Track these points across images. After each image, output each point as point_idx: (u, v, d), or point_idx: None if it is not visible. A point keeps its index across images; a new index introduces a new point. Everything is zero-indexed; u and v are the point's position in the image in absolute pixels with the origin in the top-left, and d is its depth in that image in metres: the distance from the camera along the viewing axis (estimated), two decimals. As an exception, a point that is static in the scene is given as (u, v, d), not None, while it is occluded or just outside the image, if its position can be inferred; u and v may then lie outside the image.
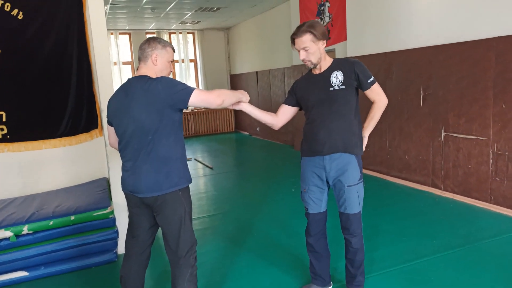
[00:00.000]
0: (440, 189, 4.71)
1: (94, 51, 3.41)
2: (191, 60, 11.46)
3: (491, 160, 4.09)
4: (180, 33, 11.13)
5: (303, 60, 2.37)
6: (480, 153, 4.19)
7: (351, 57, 5.90)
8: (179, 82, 2.15)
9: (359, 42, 5.80)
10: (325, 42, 2.35)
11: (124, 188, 2.26)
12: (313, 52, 2.32)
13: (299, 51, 2.35)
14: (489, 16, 3.97)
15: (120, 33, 10.53)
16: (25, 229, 2.99)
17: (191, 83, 11.44)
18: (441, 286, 2.72)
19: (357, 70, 2.35)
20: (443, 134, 4.59)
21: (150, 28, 10.47)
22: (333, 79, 2.36)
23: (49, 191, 3.77)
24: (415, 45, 4.85)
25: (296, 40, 2.33)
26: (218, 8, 8.49)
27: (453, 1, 4.34)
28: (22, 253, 3.03)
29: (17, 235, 2.98)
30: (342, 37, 6.28)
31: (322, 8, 6.76)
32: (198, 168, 7.01)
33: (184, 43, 11.21)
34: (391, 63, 5.23)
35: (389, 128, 5.39)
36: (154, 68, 2.22)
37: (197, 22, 10.13)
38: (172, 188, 2.16)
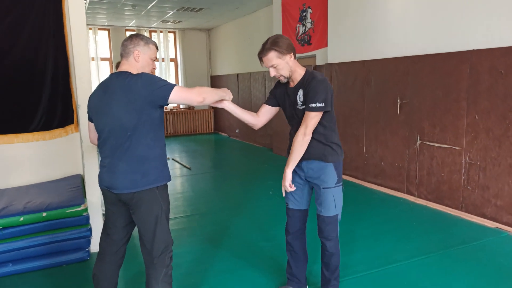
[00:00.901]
0: (414, 195, 4.82)
1: (72, 47, 3.33)
2: (171, 60, 11.36)
3: (463, 169, 4.21)
4: (161, 31, 11.03)
5: (275, 77, 2.37)
6: (453, 162, 4.31)
7: (331, 63, 6.00)
8: (159, 78, 2.13)
9: (340, 49, 5.89)
10: (292, 54, 2.31)
11: (100, 183, 2.22)
12: (282, 67, 2.31)
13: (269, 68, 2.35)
14: (464, 29, 4.11)
15: (99, 29, 10.34)
16: (-6, 225, 2.89)
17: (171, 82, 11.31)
18: (413, 290, 2.78)
19: (309, 89, 2.28)
20: (418, 142, 4.71)
21: (130, 25, 10.33)
22: (297, 98, 2.37)
23: (19, 186, 3.65)
24: (392, 55, 4.96)
25: (263, 59, 2.33)
26: (200, 9, 8.46)
27: (428, 14, 4.47)
28: (-11, 250, 2.92)
29: (-16, 231, 2.87)
30: (323, 43, 6.36)
31: (304, 14, 6.84)
32: (176, 168, 6.94)
33: (165, 42, 11.10)
34: (370, 71, 5.33)
35: (366, 135, 5.48)
36: (136, 64, 2.19)
37: (179, 22, 10.06)
38: (148, 186, 2.13)
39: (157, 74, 11.04)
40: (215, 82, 11.46)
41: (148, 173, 2.12)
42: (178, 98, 2.10)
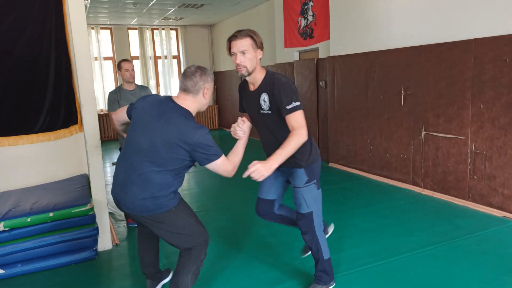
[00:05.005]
0: (420, 186, 4.80)
1: (74, 47, 3.34)
2: (174, 57, 11.36)
3: (469, 159, 4.18)
4: (163, 29, 11.02)
5: (238, 65, 2.24)
6: (458, 152, 4.28)
7: (334, 56, 5.97)
8: (212, 144, 2.11)
9: (342, 42, 5.85)
10: (261, 52, 2.30)
11: (112, 194, 2.25)
12: (250, 58, 2.24)
13: (235, 54, 2.24)
14: (467, 18, 4.06)
15: (101, 28, 10.35)
16: (1, 226, 2.91)
17: (174, 80, 11.35)
18: (419, 283, 2.77)
19: (277, 94, 2.21)
20: (423, 133, 4.68)
21: (132, 23, 10.33)
22: (261, 102, 2.31)
23: (25, 187, 3.68)
24: (396, 46, 4.92)
25: (235, 42, 2.24)
26: (201, 5, 8.44)
27: (430, 3, 4.41)
28: (-2, 251, 2.96)
29: (-8, 233, 2.91)
30: (325, 36, 6.32)
31: (305, 7, 6.79)
32: (181, 166, 6.96)
33: (167, 39, 11.10)
34: (373, 63, 5.29)
35: (370, 127, 5.45)
36: (202, 101, 2.21)
37: (180, 19, 10.04)
38: (162, 210, 2.14)
39: (159, 72, 11.10)
40: (218, 78, 11.45)
41: (161, 201, 2.12)
42: (214, 169, 2.16)
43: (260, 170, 2.06)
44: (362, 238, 3.51)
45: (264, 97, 2.29)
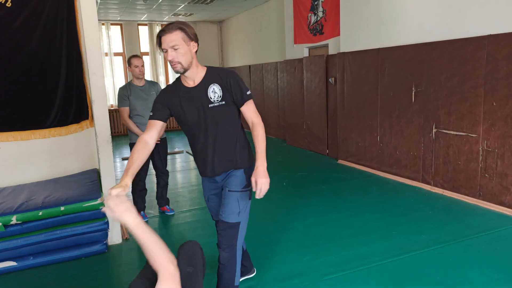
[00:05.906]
0: (430, 184, 4.76)
1: (85, 42, 3.36)
2: (183, 53, 11.39)
3: (480, 157, 4.14)
4: (173, 25, 11.04)
5: (171, 62, 2.04)
6: (470, 150, 4.24)
7: (344, 53, 5.93)
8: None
9: (352, 38, 5.81)
10: (196, 45, 2.10)
11: None
12: (183, 52, 2.03)
13: (166, 51, 2.03)
14: (480, 14, 4.00)
15: (112, 24, 10.41)
16: (14, 219, 2.96)
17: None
18: (428, 281, 2.75)
19: (233, 82, 2.13)
20: (434, 130, 4.63)
21: (142, 19, 10.37)
22: (211, 94, 2.13)
23: (38, 181, 3.73)
24: (407, 42, 4.87)
25: (164, 38, 2.00)
26: (211, 1, 8.44)
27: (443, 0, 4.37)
28: (10, 243, 3.00)
29: (5, 225, 2.95)
30: (336, 32, 6.28)
31: (315, 3, 6.75)
32: (190, 161, 6.99)
33: (177, 36, 11.12)
34: (384, 60, 5.24)
35: (380, 124, 5.42)
36: None
37: (190, 15, 10.05)
38: None
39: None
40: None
41: None
42: None
43: (262, 182, 2.07)
44: (371, 236, 3.50)
45: (214, 87, 2.13)
